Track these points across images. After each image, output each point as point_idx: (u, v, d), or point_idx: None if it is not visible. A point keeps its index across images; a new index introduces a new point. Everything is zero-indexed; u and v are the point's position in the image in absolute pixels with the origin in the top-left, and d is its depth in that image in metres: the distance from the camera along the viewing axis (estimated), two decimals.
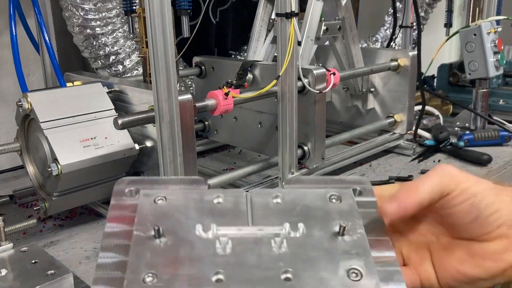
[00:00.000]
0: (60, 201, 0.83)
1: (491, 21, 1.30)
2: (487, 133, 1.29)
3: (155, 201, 0.43)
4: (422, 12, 1.84)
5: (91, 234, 0.88)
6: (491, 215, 0.45)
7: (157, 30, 0.68)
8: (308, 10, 1.02)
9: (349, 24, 1.12)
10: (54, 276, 0.62)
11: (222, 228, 0.41)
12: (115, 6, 1.08)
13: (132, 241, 0.40)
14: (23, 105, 0.80)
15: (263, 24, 1.07)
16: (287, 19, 0.86)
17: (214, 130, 1.18)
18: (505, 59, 1.36)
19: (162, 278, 0.37)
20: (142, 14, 0.86)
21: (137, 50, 1.14)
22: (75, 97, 0.85)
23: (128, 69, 1.15)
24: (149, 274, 0.37)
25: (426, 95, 1.35)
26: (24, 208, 0.99)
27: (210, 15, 1.37)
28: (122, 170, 0.87)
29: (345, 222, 0.42)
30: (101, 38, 1.09)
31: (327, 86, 0.96)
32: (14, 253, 0.68)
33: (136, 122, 0.76)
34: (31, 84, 1.20)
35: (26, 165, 0.88)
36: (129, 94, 0.86)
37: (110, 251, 0.40)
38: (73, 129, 0.81)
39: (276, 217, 0.43)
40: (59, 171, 0.76)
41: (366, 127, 1.22)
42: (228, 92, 0.84)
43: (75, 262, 0.79)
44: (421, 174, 1.12)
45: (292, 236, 0.41)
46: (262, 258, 0.39)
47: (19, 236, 0.87)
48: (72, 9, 1.05)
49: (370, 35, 1.69)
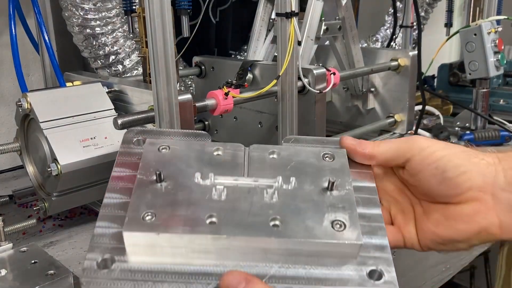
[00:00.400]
0: (60, 201, 0.83)
1: (491, 21, 1.29)
2: (487, 133, 1.29)
3: (159, 149, 0.46)
4: (423, 12, 1.84)
5: (91, 234, 0.87)
6: (458, 176, 0.46)
7: (157, 30, 0.68)
8: (308, 10, 1.02)
9: (349, 24, 1.11)
10: (53, 276, 0.62)
11: (219, 178, 0.44)
12: (115, 6, 1.08)
13: (135, 184, 0.43)
14: (23, 105, 0.80)
15: (263, 24, 1.07)
16: (287, 19, 0.86)
17: (214, 130, 1.18)
18: (506, 59, 1.35)
19: (160, 218, 0.40)
20: (142, 14, 0.86)
21: (137, 50, 1.14)
22: (75, 97, 0.85)
23: (128, 69, 1.14)
24: (148, 213, 0.40)
25: (426, 95, 1.35)
26: (23, 208, 0.99)
27: (210, 15, 1.37)
28: None
29: (334, 178, 0.45)
30: (101, 38, 1.09)
31: (327, 86, 0.96)
32: (14, 253, 0.68)
33: (136, 122, 0.76)
34: (30, 84, 1.20)
35: (25, 165, 0.87)
36: (129, 94, 0.86)
37: (115, 193, 0.43)
38: (72, 129, 0.80)
39: (270, 170, 0.45)
40: (58, 171, 0.76)
41: (366, 127, 1.22)
42: (228, 92, 0.84)
43: (74, 262, 0.79)
44: None
45: (283, 188, 0.44)
46: (253, 206, 0.42)
47: (18, 236, 0.87)
48: (72, 8, 1.04)
49: (370, 35, 1.69)
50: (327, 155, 0.48)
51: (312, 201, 0.43)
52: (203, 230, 0.39)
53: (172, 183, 0.43)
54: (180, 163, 0.45)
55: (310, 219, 0.41)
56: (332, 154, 0.48)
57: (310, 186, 0.44)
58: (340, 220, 0.42)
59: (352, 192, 0.44)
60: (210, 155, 0.46)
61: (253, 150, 0.47)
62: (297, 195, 0.44)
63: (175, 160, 0.45)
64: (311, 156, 0.47)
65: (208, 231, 0.39)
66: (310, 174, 0.46)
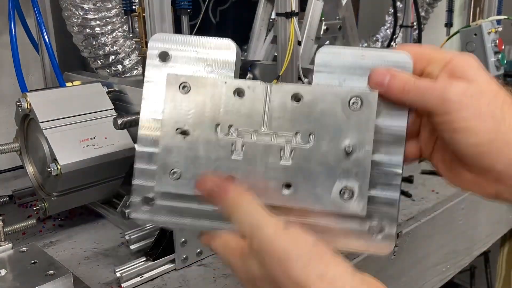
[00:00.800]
0: (60, 201, 0.83)
1: (491, 20, 1.29)
2: None
3: (180, 88, 0.46)
4: (423, 11, 1.83)
5: (91, 234, 0.88)
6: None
7: (157, 30, 0.68)
8: (308, 9, 1.02)
9: (349, 23, 1.11)
10: (53, 276, 0.62)
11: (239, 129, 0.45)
12: (114, 5, 1.08)
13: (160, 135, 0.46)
14: (23, 105, 0.80)
15: (263, 24, 1.07)
16: (287, 18, 0.86)
17: None
18: (506, 59, 1.35)
19: (185, 177, 0.45)
20: (142, 13, 0.86)
21: (136, 49, 1.14)
22: (75, 97, 0.85)
23: (127, 68, 1.14)
24: (175, 170, 0.45)
25: None
26: (23, 208, 0.99)
27: (210, 15, 1.37)
28: (122, 170, 0.86)
29: (355, 137, 0.44)
30: (101, 37, 1.09)
31: None
32: (14, 253, 0.68)
33: (135, 122, 0.76)
34: (30, 84, 1.19)
35: (25, 165, 0.87)
36: (129, 94, 0.86)
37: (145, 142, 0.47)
38: (72, 129, 0.80)
39: (290, 121, 0.45)
40: (58, 171, 0.76)
41: None
42: None
43: (74, 262, 0.79)
44: (422, 174, 1.12)
45: (300, 147, 0.45)
46: (268, 168, 0.44)
47: (18, 236, 0.87)
48: (72, 8, 1.04)
49: (371, 35, 1.69)
50: (355, 100, 0.44)
51: (327, 165, 0.44)
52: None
53: (194, 135, 0.45)
54: (201, 109, 0.46)
55: (321, 186, 0.44)
56: (360, 99, 0.44)
57: (328, 145, 0.44)
58: (349, 188, 0.43)
59: (370, 154, 0.44)
60: (230, 99, 0.46)
61: (274, 92, 0.45)
62: (312, 157, 0.44)
63: (196, 106, 0.46)
64: (335, 102, 0.44)
65: None
66: (331, 129, 0.44)
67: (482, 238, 1.20)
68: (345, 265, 0.38)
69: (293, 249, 0.38)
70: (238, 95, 0.46)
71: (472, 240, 1.16)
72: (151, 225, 0.79)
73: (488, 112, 0.43)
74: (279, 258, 0.38)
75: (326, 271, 0.37)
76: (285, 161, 0.44)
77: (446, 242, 1.05)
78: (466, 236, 1.13)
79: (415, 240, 0.94)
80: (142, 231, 0.78)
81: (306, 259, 0.38)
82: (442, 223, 1.01)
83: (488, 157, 0.43)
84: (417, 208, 0.96)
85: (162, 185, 0.45)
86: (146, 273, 0.74)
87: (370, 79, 0.45)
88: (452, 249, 1.08)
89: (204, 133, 0.45)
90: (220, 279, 0.74)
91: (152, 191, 0.46)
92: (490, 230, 1.22)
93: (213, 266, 0.77)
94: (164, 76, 0.47)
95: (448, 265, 1.08)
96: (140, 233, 0.78)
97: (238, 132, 0.45)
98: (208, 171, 0.45)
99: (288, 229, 0.39)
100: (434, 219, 0.99)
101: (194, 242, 0.76)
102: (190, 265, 0.77)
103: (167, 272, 0.75)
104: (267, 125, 0.45)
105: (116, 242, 0.84)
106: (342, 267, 0.38)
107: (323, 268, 0.37)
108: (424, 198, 1.01)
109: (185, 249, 0.76)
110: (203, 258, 0.79)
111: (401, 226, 0.91)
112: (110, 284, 0.73)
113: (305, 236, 0.39)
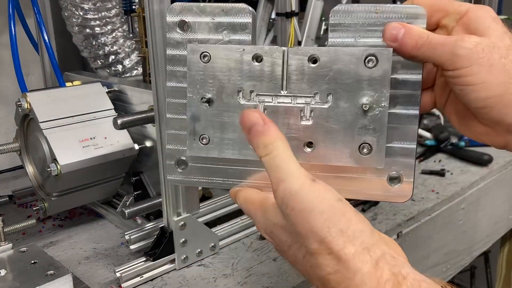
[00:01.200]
0: (60, 201, 0.83)
1: None
2: None
3: (201, 57, 0.48)
4: None
5: (91, 234, 0.88)
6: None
7: (156, 30, 0.68)
8: (308, 9, 1.02)
9: None
10: (53, 276, 0.62)
11: (260, 95, 0.47)
12: (114, 5, 1.08)
13: (187, 103, 0.48)
14: (23, 105, 0.80)
15: (263, 24, 1.06)
16: (287, 18, 0.86)
17: None
18: None
19: (213, 141, 0.48)
20: (142, 13, 0.86)
21: (136, 49, 1.14)
22: (75, 97, 0.85)
23: (127, 68, 1.14)
24: (204, 136, 0.48)
25: None
26: (23, 208, 0.99)
27: None
28: (122, 170, 0.86)
29: (371, 94, 0.45)
30: (101, 37, 1.09)
31: None
32: (14, 253, 0.68)
33: (135, 122, 0.76)
34: (30, 84, 1.19)
35: (25, 165, 0.87)
36: (129, 94, 0.86)
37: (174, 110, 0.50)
38: (72, 129, 0.80)
39: (308, 83, 0.47)
40: (58, 171, 0.76)
41: None
42: None
43: (74, 262, 0.79)
44: (422, 174, 1.12)
45: (320, 107, 0.47)
46: (290, 129, 0.47)
47: (18, 237, 0.87)
48: (72, 8, 1.04)
49: None
50: (371, 58, 0.45)
51: (345, 122, 0.46)
52: (247, 154, 0.48)
53: (218, 103, 0.48)
54: (222, 77, 0.48)
55: (341, 142, 0.46)
56: (376, 57, 0.45)
57: (346, 103, 0.46)
58: (368, 143, 0.46)
59: (387, 110, 0.45)
60: (249, 65, 0.47)
61: (291, 56, 0.47)
62: (331, 115, 0.46)
63: (217, 75, 0.48)
64: (351, 61, 0.46)
65: (251, 155, 0.46)
66: (348, 88, 0.46)
67: (482, 238, 1.20)
68: (365, 223, 0.40)
69: (318, 202, 0.39)
70: (257, 60, 0.47)
71: (472, 240, 1.16)
72: (151, 225, 0.79)
73: (500, 66, 0.43)
74: (303, 209, 0.39)
75: (347, 227, 0.39)
76: (305, 121, 0.47)
77: (446, 242, 1.05)
78: (466, 236, 1.13)
79: (415, 240, 0.94)
80: (142, 231, 0.78)
81: (329, 214, 0.39)
82: (442, 223, 1.01)
83: (498, 110, 0.44)
84: (417, 208, 0.96)
85: (193, 150, 0.49)
86: (146, 273, 0.74)
87: (384, 34, 0.46)
88: (452, 249, 1.08)
89: (227, 99, 0.48)
90: (220, 279, 0.74)
91: (184, 155, 0.50)
92: (490, 230, 1.22)
93: (213, 266, 0.77)
94: (185, 45, 0.49)
95: (448, 265, 1.08)
96: (140, 233, 0.78)
97: (259, 96, 0.47)
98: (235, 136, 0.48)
99: (315, 183, 0.40)
100: (434, 219, 0.99)
101: (194, 242, 0.76)
102: (190, 265, 0.77)
103: (167, 272, 0.75)
104: (286, 88, 0.47)
105: (116, 242, 0.84)
106: (362, 224, 0.39)
107: (344, 223, 0.39)
108: (424, 198, 1.01)
109: (185, 249, 0.76)
110: (203, 258, 0.79)
111: (401, 226, 0.91)
112: (110, 284, 0.73)
113: (331, 192, 0.40)
